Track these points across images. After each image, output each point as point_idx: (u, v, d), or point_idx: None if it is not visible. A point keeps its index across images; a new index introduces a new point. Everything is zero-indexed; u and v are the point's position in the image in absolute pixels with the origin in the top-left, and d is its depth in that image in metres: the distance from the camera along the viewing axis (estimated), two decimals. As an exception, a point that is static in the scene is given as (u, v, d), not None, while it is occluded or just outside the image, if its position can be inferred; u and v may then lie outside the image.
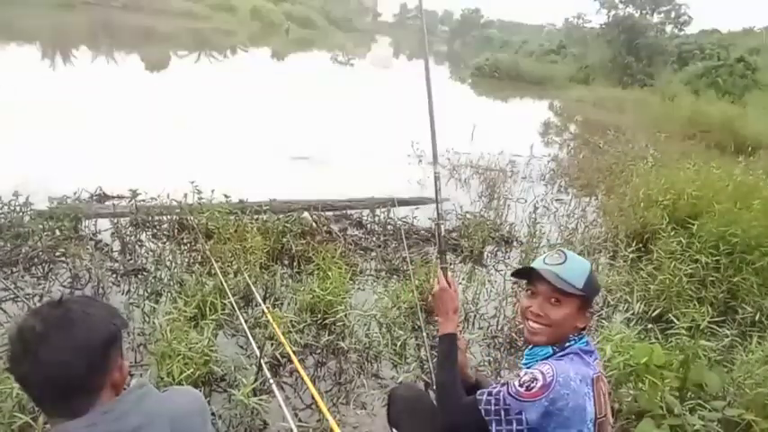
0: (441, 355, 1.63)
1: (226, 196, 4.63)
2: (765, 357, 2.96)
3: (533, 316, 1.50)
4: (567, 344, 1.46)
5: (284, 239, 4.22)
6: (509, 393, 1.38)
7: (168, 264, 3.78)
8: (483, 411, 1.40)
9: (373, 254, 4.51)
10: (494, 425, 1.38)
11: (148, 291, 3.43)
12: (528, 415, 1.34)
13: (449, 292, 1.71)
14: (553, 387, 1.33)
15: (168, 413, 1.11)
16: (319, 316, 3.33)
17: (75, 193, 4.47)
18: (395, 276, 4.17)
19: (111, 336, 1.05)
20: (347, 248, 4.37)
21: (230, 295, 3.16)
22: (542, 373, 1.36)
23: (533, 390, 1.34)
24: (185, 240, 4.18)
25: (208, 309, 3.08)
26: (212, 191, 4.53)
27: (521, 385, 1.37)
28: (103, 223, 4.30)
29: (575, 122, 16.22)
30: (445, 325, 1.67)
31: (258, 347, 2.76)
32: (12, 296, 3.20)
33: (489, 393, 1.42)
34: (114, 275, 3.63)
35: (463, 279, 4.35)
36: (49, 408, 1.03)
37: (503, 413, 1.37)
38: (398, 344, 3.17)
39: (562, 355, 1.44)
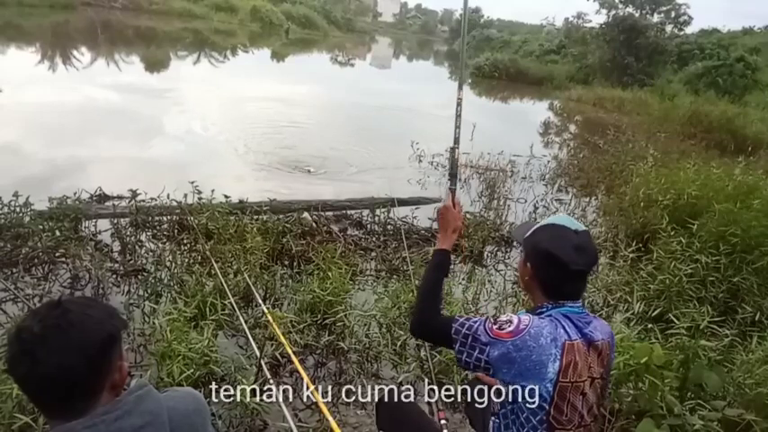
0: (430, 266, 1.70)
1: (226, 196, 4.63)
2: (765, 357, 2.95)
3: None
4: (539, 310, 1.51)
5: (284, 240, 4.22)
6: (483, 326, 1.45)
7: (168, 264, 3.78)
8: (453, 330, 1.46)
9: (373, 254, 4.51)
10: (457, 345, 1.45)
11: (148, 291, 3.43)
12: (491, 350, 1.41)
13: (452, 212, 1.78)
14: (522, 335, 1.39)
15: (168, 414, 1.11)
16: (319, 316, 3.33)
17: (75, 194, 4.46)
18: (395, 276, 4.16)
19: (111, 337, 1.05)
20: (347, 249, 4.36)
21: (230, 296, 3.16)
22: (519, 319, 1.43)
23: (504, 330, 1.41)
24: (185, 241, 4.18)
25: (208, 309, 3.08)
26: (212, 191, 4.53)
27: (495, 323, 1.45)
28: (103, 224, 4.30)
29: (574, 122, 16.21)
30: (443, 241, 1.74)
31: (258, 348, 2.75)
32: (12, 297, 3.21)
33: (468, 319, 1.48)
34: (114, 276, 3.63)
35: (463, 279, 4.36)
36: (48, 409, 1.03)
37: (470, 339, 1.44)
38: (398, 344, 3.16)
39: (545, 315, 1.48)
